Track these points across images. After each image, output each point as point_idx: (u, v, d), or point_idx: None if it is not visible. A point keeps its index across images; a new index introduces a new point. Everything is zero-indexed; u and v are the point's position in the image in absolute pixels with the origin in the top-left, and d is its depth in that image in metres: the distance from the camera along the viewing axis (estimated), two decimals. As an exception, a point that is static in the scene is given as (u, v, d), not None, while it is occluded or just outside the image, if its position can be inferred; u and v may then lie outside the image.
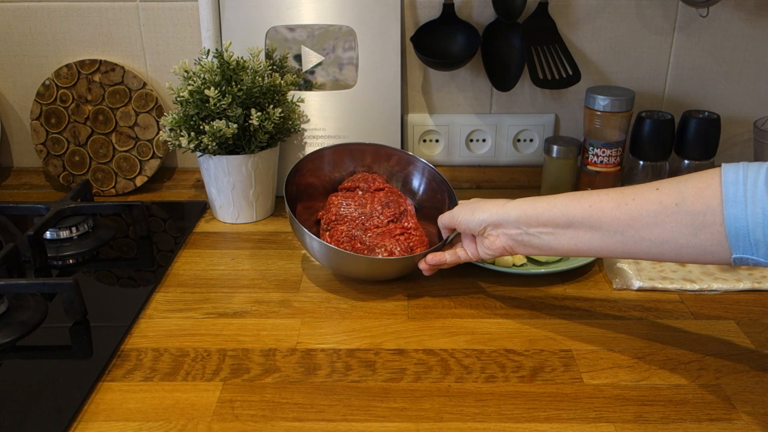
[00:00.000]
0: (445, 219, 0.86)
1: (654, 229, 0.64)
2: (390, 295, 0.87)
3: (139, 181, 1.17)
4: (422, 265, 0.86)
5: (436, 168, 1.00)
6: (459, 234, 0.86)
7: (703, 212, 0.61)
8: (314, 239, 0.85)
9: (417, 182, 1.01)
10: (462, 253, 0.84)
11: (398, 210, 0.94)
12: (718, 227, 0.60)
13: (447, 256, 0.85)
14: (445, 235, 0.88)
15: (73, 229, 1.00)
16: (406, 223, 0.93)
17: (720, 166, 0.62)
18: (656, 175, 1.09)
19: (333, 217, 0.93)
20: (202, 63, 1.00)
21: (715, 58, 1.13)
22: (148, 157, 1.16)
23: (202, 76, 0.99)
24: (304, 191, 0.96)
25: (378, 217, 0.92)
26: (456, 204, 0.92)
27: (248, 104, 1.00)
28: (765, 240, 0.58)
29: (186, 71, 0.99)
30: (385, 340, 0.79)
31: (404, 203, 0.96)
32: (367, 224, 0.92)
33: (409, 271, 0.90)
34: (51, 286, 0.85)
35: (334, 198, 0.97)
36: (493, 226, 0.77)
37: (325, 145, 1.00)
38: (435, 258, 0.85)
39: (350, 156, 1.01)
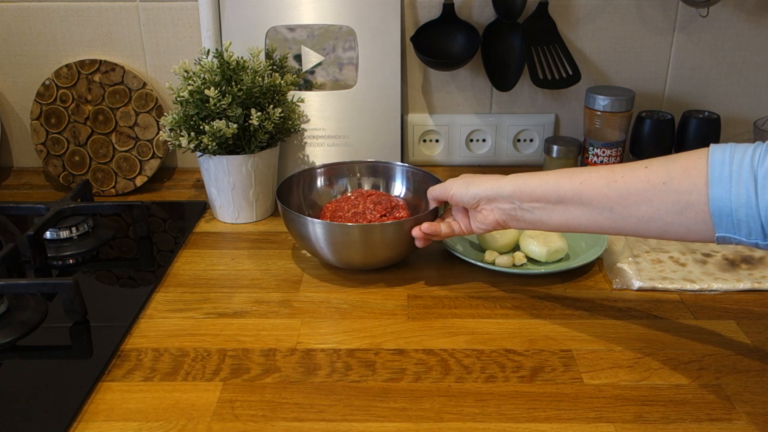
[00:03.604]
0: (436, 191, 0.85)
1: (641, 206, 0.65)
2: (390, 295, 0.87)
3: (139, 181, 1.17)
4: (416, 233, 0.86)
5: (415, 166, 1.02)
6: (449, 208, 0.87)
7: (688, 191, 0.62)
8: (307, 219, 0.86)
9: (402, 185, 1.04)
10: (456, 226, 0.85)
11: (390, 205, 0.95)
12: (703, 206, 0.61)
13: (442, 227, 0.85)
14: (432, 207, 0.88)
15: (73, 229, 1.00)
16: (398, 214, 0.94)
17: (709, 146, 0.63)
18: (656, 175, 1.09)
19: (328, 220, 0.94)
20: (202, 63, 1.00)
21: (715, 58, 1.13)
22: (148, 157, 1.16)
23: (202, 76, 0.99)
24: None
25: (371, 213, 0.93)
26: None
27: (248, 104, 1.00)
28: (747, 220, 0.59)
29: (186, 71, 0.99)
30: (385, 340, 0.79)
31: (395, 200, 0.97)
32: (360, 221, 0.92)
33: (406, 253, 0.91)
34: (51, 286, 0.85)
35: (328, 205, 0.99)
36: (487, 200, 0.78)
37: (299, 171, 1.02)
38: (430, 227, 0.85)
39: (337, 175, 1.04)
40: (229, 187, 1.03)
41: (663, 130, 1.07)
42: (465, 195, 0.80)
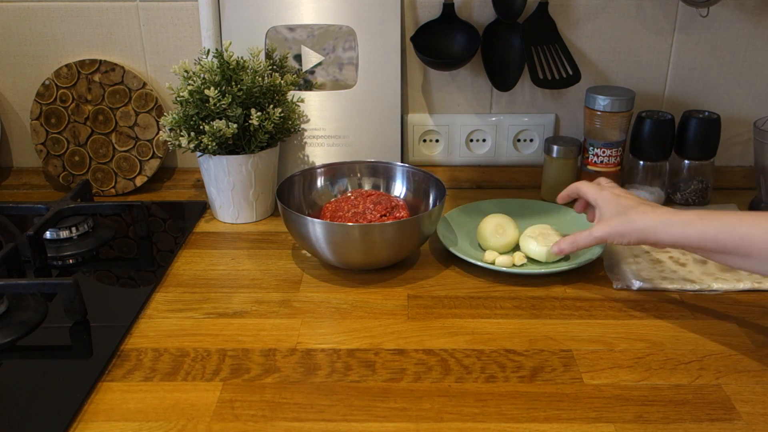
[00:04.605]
0: (593, 241, 0.85)
1: None
2: (390, 295, 0.87)
3: (139, 181, 1.17)
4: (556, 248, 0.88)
5: (415, 167, 1.03)
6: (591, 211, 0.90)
7: None
8: (307, 219, 0.86)
9: (402, 185, 1.04)
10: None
11: (390, 205, 0.95)
12: None
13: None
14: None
15: (73, 229, 1.00)
16: (398, 214, 0.94)
17: None
18: (656, 175, 1.09)
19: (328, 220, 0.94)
20: (202, 63, 1.00)
21: (715, 58, 1.13)
22: (148, 157, 1.16)
23: (202, 76, 0.99)
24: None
25: (371, 213, 0.94)
26: (444, 192, 0.94)
27: (248, 104, 1.00)
28: None
29: (186, 71, 0.99)
30: (385, 340, 0.79)
31: (395, 200, 0.97)
32: (360, 221, 0.92)
33: (406, 253, 0.92)
34: (51, 286, 0.85)
35: (328, 205, 0.99)
36: (649, 244, 0.80)
37: (299, 172, 1.02)
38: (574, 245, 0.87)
39: (337, 175, 1.05)
40: (229, 187, 1.03)
41: (663, 130, 1.07)
42: (627, 244, 0.81)
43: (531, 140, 1.19)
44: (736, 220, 0.71)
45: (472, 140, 1.19)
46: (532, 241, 0.91)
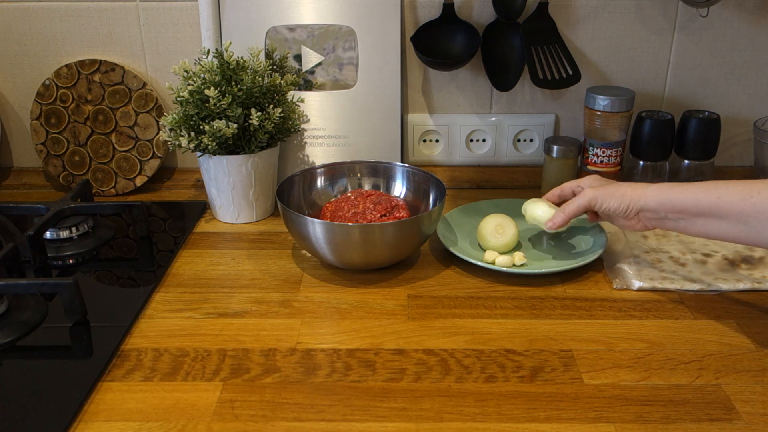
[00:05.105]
0: (579, 203, 0.87)
1: None
2: (390, 295, 0.87)
3: (139, 181, 1.17)
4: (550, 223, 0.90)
5: (415, 167, 1.03)
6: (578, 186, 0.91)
7: None
8: (307, 219, 0.86)
9: (402, 185, 1.03)
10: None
11: (390, 205, 0.95)
12: None
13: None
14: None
15: (73, 229, 1.00)
16: (398, 214, 0.94)
17: None
18: (656, 175, 1.09)
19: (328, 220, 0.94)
20: (202, 63, 1.00)
21: (715, 58, 1.13)
22: (148, 157, 1.16)
23: (202, 76, 0.99)
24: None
25: (371, 213, 0.94)
26: (444, 192, 0.94)
27: (248, 104, 1.00)
28: None
29: (186, 71, 0.99)
30: (385, 340, 0.79)
31: (395, 200, 0.97)
32: (360, 221, 0.92)
33: (406, 253, 0.92)
34: (51, 286, 0.84)
35: (328, 205, 0.99)
36: (635, 211, 0.82)
37: (299, 171, 1.02)
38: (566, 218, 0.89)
39: (337, 175, 1.05)
40: (229, 187, 1.03)
41: (663, 130, 1.07)
42: (611, 208, 0.84)
43: (531, 140, 1.19)
44: (713, 184, 0.75)
45: (472, 140, 1.19)
46: (541, 204, 0.92)
